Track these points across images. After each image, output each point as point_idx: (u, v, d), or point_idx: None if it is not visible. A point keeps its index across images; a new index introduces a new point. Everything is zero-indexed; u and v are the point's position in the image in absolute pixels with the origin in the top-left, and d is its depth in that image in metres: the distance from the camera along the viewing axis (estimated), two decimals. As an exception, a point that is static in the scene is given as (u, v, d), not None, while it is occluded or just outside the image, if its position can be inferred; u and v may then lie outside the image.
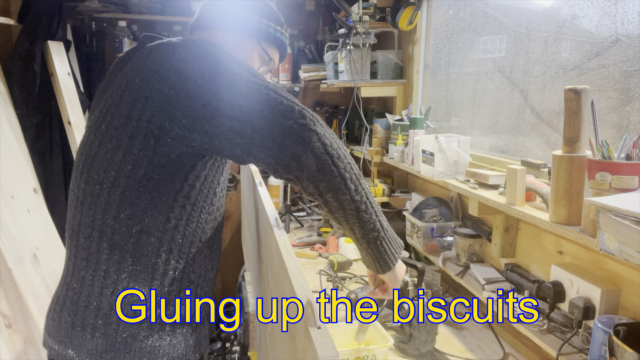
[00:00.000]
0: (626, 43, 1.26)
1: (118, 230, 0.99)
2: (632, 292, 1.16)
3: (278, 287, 1.02)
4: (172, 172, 0.98)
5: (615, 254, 0.94)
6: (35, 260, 2.05)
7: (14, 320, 1.90)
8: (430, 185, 2.24)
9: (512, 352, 1.49)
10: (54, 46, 2.39)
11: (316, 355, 0.59)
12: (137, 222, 0.99)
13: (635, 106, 1.24)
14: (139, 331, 1.05)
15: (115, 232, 0.99)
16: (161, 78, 0.92)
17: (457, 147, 1.73)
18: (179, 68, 0.92)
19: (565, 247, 1.38)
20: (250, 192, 1.97)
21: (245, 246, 2.70)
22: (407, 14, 2.24)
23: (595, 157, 1.07)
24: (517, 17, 1.72)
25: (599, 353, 1.07)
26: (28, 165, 2.22)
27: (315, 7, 3.11)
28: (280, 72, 3.10)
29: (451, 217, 1.96)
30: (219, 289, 3.52)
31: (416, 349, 1.45)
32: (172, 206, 1.01)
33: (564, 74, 1.49)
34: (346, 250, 2.32)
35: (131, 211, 0.98)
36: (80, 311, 1.02)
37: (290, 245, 0.97)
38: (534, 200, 1.38)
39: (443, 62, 2.23)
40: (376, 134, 2.42)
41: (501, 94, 1.80)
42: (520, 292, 1.43)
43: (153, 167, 0.96)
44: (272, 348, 1.22)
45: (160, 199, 0.99)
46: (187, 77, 0.90)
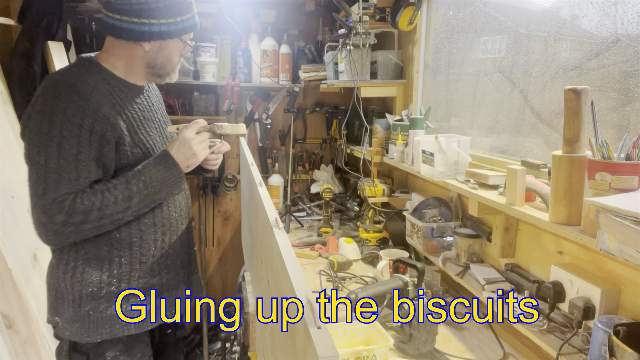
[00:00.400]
0: (626, 43, 1.26)
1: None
2: (632, 292, 1.16)
3: (278, 287, 1.02)
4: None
5: (615, 254, 0.94)
6: (35, 260, 2.05)
7: (14, 320, 1.90)
8: (430, 186, 2.24)
9: (512, 352, 1.49)
10: (54, 46, 2.39)
11: (316, 355, 0.59)
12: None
13: (635, 106, 1.24)
14: (99, 304, 1.36)
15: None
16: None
17: (457, 147, 1.73)
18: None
19: (565, 247, 1.38)
20: (250, 192, 1.97)
21: (245, 246, 2.70)
22: (407, 14, 2.24)
23: (595, 157, 1.07)
24: (517, 17, 1.72)
25: (598, 353, 1.07)
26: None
27: (315, 7, 3.11)
28: (280, 72, 3.10)
29: (451, 217, 1.96)
30: (219, 289, 3.52)
31: (416, 349, 1.45)
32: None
33: (563, 74, 1.49)
34: (346, 251, 2.32)
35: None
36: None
37: (290, 245, 0.97)
38: (534, 200, 1.38)
39: (443, 62, 2.23)
40: (376, 134, 2.42)
41: (501, 94, 1.80)
42: (520, 292, 1.43)
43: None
44: (272, 348, 1.22)
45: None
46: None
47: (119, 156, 1.33)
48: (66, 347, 1.40)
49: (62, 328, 1.37)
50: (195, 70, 2.99)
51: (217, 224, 3.42)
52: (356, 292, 1.62)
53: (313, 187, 3.27)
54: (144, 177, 1.32)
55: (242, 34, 3.00)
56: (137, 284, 1.42)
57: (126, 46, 1.36)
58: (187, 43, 1.44)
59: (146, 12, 1.29)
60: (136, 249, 1.40)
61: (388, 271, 1.95)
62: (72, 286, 1.35)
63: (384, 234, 2.38)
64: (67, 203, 1.22)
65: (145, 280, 1.43)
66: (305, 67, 2.98)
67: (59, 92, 1.24)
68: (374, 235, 2.37)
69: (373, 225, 2.41)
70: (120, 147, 1.33)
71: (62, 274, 1.35)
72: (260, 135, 3.35)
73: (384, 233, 2.38)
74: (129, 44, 1.35)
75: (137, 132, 1.38)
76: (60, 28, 2.45)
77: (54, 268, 1.38)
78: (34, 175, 1.23)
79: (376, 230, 2.38)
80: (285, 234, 1.05)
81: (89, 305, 1.35)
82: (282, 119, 3.37)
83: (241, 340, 2.06)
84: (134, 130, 1.37)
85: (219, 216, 3.41)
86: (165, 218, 1.45)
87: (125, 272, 1.39)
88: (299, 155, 3.41)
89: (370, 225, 2.42)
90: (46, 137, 1.22)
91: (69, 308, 1.36)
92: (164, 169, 1.35)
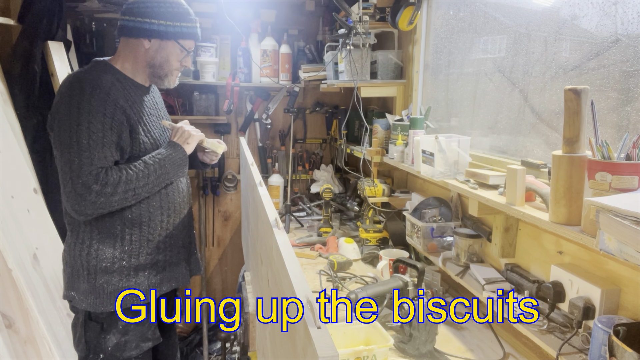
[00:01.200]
0: (626, 43, 1.26)
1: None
2: (632, 292, 1.16)
3: (278, 287, 1.02)
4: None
5: (615, 254, 0.94)
6: (35, 260, 2.05)
7: (14, 320, 1.90)
8: (430, 186, 2.24)
9: (512, 352, 1.49)
10: (54, 46, 2.39)
11: (316, 355, 0.59)
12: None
13: (635, 106, 1.24)
14: (112, 278, 1.56)
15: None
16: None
17: (457, 147, 1.73)
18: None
19: (565, 247, 1.38)
20: (250, 192, 1.97)
21: (245, 246, 2.70)
22: (407, 14, 2.24)
23: (595, 157, 1.07)
24: (517, 17, 1.72)
25: (598, 353, 1.07)
26: (28, 165, 2.22)
27: (315, 7, 3.11)
28: (280, 72, 3.10)
29: (451, 217, 1.96)
30: (219, 289, 3.52)
31: (416, 349, 1.45)
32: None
33: (563, 74, 1.49)
34: (346, 250, 2.32)
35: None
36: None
37: (290, 245, 0.97)
38: (534, 200, 1.38)
39: (443, 62, 2.23)
40: (376, 134, 2.42)
41: (501, 94, 1.80)
42: (520, 292, 1.43)
43: None
44: (272, 348, 1.22)
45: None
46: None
47: (132, 143, 1.55)
48: (82, 318, 1.58)
49: (79, 300, 1.56)
50: (195, 70, 2.99)
51: (217, 224, 3.42)
52: (356, 292, 1.62)
53: (313, 187, 3.27)
54: (158, 159, 1.57)
55: (242, 34, 3.00)
56: (145, 259, 1.61)
57: (132, 45, 1.59)
58: (185, 49, 1.63)
59: (149, 13, 1.54)
60: (145, 227, 1.60)
61: (388, 271, 1.95)
62: (88, 262, 1.54)
63: (384, 234, 2.38)
64: (101, 175, 1.43)
65: (152, 256, 1.63)
66: (305, 67, 2.98)
67: (84, 86, 1.46)
68: (374, 235, 2.37)
69: (373, 225, 2.41)
70: (134, 135, 1.55)
71: (78, 252, 1.55)
72: (260, 135, 3.35)
73: (384, 233, 2.38)
74: (134, 41, 1.58)
75: (146, 124, 1.61)
76: (60, 28, 2.45)
77: (71, 248, 1.57)
78: (66, 155, 1.43)
79: (376, 230, 2.38)
80: (285, 234, 1.05)
81: (103, 278, 1.55)
82: (282, 119, 3.37)
83: (241, 340, 2.06)
84: (143, 122, 1.60)
85: (219, 216, 3.41)
86: (171, 202, 1.67)
87: (135, 249, 1.59)
88: (299, 155, 3.41)
89: (370, 225, 2.42)
90: (76, 123, 1.43)
91: (85, 282, 1.55)
92: (173, 152, 1.61)
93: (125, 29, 1.57)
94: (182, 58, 1.65)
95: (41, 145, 2.37)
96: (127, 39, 1.59)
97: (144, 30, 1.55)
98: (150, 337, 1.65)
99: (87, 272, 1.55)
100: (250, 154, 2.28)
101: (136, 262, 1.59)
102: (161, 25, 1.55)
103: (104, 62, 1.60)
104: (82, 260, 1.55)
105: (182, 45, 1.62)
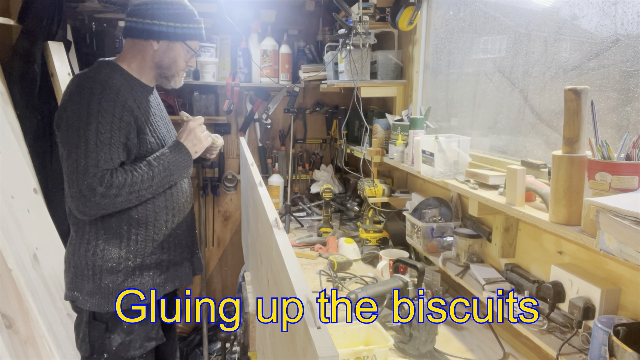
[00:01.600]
0: (626, 43, 1.26)
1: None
2: (632, 292, 1.16)
3: (278, 287, 1.02)
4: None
5: (615, 254, 0.94)
6: (35, 260, 2.05)
7: (14, 320, 1.90)
8: (430, 186, 2.24)
9: (512, 352, 1.49)
10: (54, 46, 2.39)
11: (316, 355, 0.59)
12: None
13: (635, 106, 1.24)
14: (117, 278, 1.56)
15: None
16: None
17: (457, 147, 1.73)
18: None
19: (565, 247, 1.38)
20: (250, 192, 1.97)
21: (245, 246, 2.70)
22: (407, 14, 2.24)
23: (595, 157, 1.07)
24: (517, 17, 1.72)
25: (598, 353, 1.07)
26: (28, 165, 2.22)
27: (315, 7, 3.11)
28: (280, 72, 3.10)
29: (451, 218, 1.96)
30: (219, 289, 3.52)
31: (416, 349, 1.45)
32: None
33: (563, 74, 1.49)
34: (346, 251, 2.32)
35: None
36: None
37: (290, 246, 0.97)
38: (534, 200, 1.38)
39: (443, 63, 2.23)
40: (376, 134, 2.42)
41: (501, 94, 1.80)
42: (520, 292, 1.43)
43: None
44: (272, 348, 1.22)
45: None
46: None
47: (139, 143, 1.56)
48: (86, 318, 1.58)
49: (83, 301, 1.56)
50: (195, 70, 2.99)
51: (217, 224, 3.42)
52: (356, 292, 1.62)
53: (313, 187, 3.27)
54: (163, 161, 1.57)
55: (242, 34, 3.00)
56: (150, 259, 1.63)
57: (139, 46, 1.60)
58: (192, 49, 1.65)
59: (157, 15, 1.56)
60: (150, 227, 1.62)
61: (388, 271, 1.95)
62: (94, 262, 1.55)
63: (384, 234, 2.38)
64: (106, 177, 1.44)
65: (156, 256, 1.64)
66: (305, 67, 2.98)
67: (94, 87, 1.47)
68: (374, 235, 2.37)
69: (373, 225, 2.41)
70: (141, 136, 1.56)
71: (84, 253, 1.55)
72: (260, 135, 3.35)
73: (384, 233, 2.38)
74: (142, 42, 1.59)
75: (152, 123, 1.63)
76: (60, 28, 2.45)
77: (75, 248, 1.57)
78: (73, 155, 1.43)
79: (376, 230, 2.38)
80: (285, 234, 1.05)
81: (108, 278, 1.56)
82: (282, 119, 3.37)
83: (241, 340, 2.06)
84: (150, 122, 1.61)
85: (219, 216, 3.41)
86: (175, 202, 1.69)
87: (141, 249, 1.60)
88: (299, 155, 3.41)
89: (370, 225, 2.42)
90: (85, 123, 1.43)
91: (90, 282, 1.55)
92: (178, 154, 1.62)
93: (133, 30, 1.57)
94: (188, 59, 1.67)
95: (41, 145, 2.37)
96: (134, 40, 1.60)
97: (153, 32, 1.56)
98: (154, 337, 1.66)
99: (92, 273, 1.55)
100: (250, 154, 2.28)
101: (141, 262, 1.60)
102: (170, 27, 1.57)
103: (111, 62, 1.60)
104: (87, 261, 1.55)
105: (189, 46, 1.64)
